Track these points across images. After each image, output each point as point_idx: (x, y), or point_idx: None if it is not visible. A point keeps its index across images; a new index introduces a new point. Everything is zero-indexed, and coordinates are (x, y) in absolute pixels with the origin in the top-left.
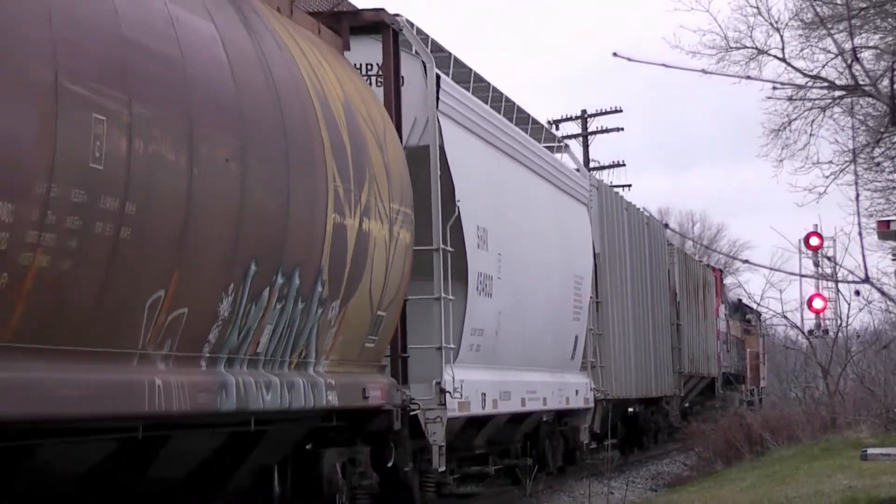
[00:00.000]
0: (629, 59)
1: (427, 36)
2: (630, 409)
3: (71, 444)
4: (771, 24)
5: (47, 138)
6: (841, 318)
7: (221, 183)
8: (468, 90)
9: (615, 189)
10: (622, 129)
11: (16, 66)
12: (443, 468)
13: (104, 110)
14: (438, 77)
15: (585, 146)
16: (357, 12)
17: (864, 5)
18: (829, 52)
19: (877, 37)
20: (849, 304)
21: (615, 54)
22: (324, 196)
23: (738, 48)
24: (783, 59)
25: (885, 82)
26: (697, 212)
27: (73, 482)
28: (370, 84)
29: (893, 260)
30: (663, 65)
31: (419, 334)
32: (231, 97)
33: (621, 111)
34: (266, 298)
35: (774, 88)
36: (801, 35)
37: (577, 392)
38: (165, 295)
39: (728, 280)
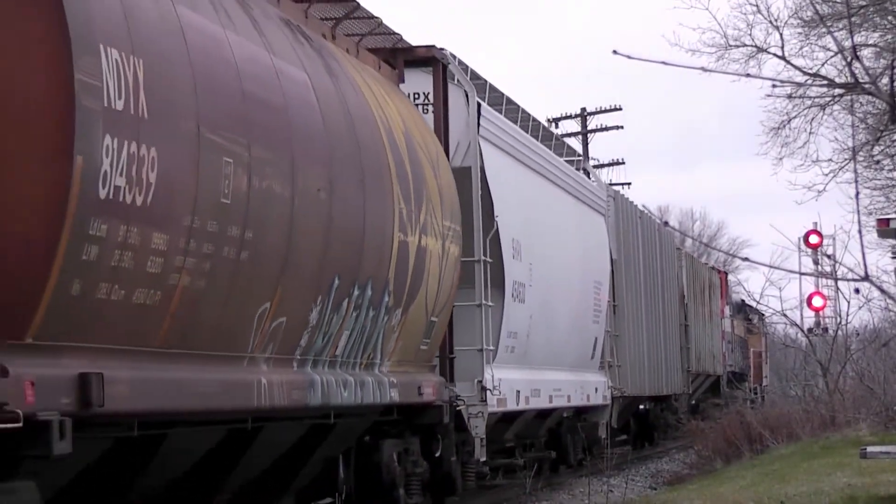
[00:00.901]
0: (629, 57)
1: (467, 66)
2: (641, 406)
3: (195, 433)
4: (770, 22)
5: (193, 179)
6: (840, 316)
7: (314, 210)
8: (501, 112)
9: (629, 198)
10: (622, 127)
11: (173, 122)
12: (484, 458)
13: (232, 154)
14: (479, 104)
15: (585, 144)
16: (411, 49)
17: (863, 3)
18: (828, 50)
19: (876, 35)
20: (848, 302)
21: (615, 52)
22: (391, 217)
23: (737, 46)
24: (783, 58)
25: (885, 80)
26: (698, 210)
27: (188, 465)
28: (420, 110)
29: (893, 258)
30: (663, 62)
31: (462, 337)
32: (321, 135)
33: (621, 109)
34: (345, 308)
35: (774, 86)
36: (800, 33)
37: (596, 390)
38: (270, 307)
39: (728, 278)
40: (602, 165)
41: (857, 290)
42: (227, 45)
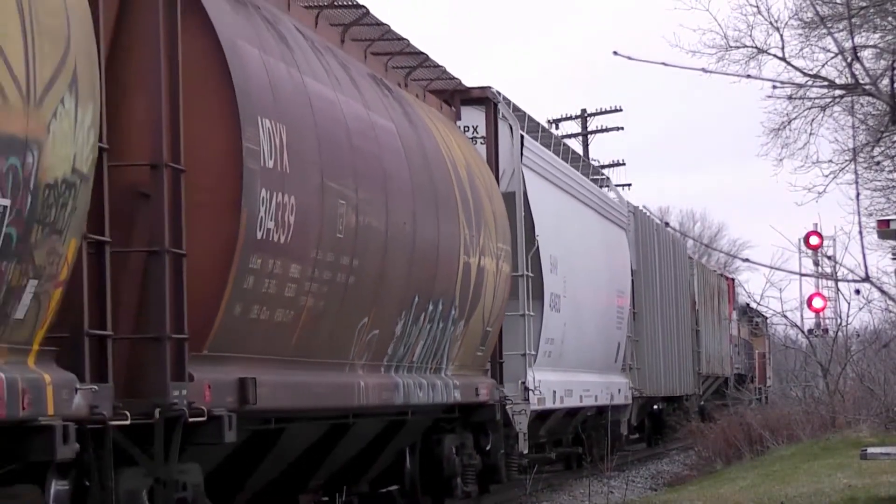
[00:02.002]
0: (629, 58)
1: (509, 100)
2: (655, 406)
3: (307, 426)
4: (771, 23)
5: (318, 219)
6: (841, 318)
7: (401, 239)
8: (536, 138)
9: (647, 214)
10: (622, 128)
11: (305, 175)
12: (526, 451)
13: (344, 197)
14: (522, 137)
15: (585, 145)
16: (467, 90)
17: (864, 4)
18: (828, 51)
19: (877, 36)
20: (849, 304)
21: (615, 53)
22: (458, 242)
23: (737, 47)
24: (783, 59)
25: (886, 81)
26: (698, 211)
27: (294, 456)
28: (472, 142)
29: (893, 259)
30: (663, 63)
31: (508, 343)
32: (405, 175)
33: (621, 110)
34: (421, 321)
35: (774, 87)
36: (800, 34)
37: (619, 390)
38: (367, 321)
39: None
40: (602, 167)
41: (857, 292)
42: (339, 105)
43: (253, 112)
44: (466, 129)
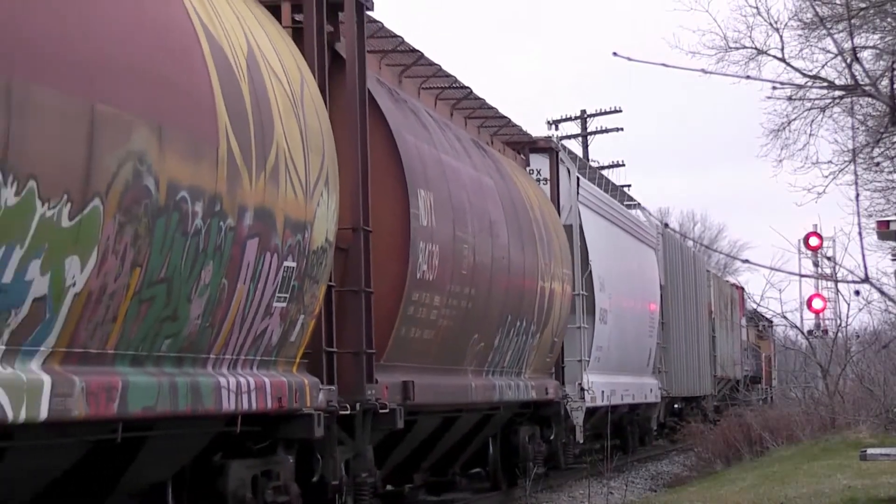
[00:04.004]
0: (629, 59)
1: (565, 146)
2: (676, 406)
3: (430, 418)
4: (770, 24)
5: (451, 261)
6: (840, 319)
7: (501, 272)
8: (584, 175)
9: (673, 233)
10: (622, 129)
11: (444, 228)
12: (581, 441)
13: (467, 242)
14: (578, 178)
15: (585, 146)
16: (535, 141)
17: (863, 5)
18: (828, 52)
19: (876, 36)
20: (848, 305)
21: (615, 54)
22: (536, 271)
23: (737, 48)
24: (783, 59)
25: (885, 82)
26: (698, 212)
27: (416, 443)
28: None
29: (893, 260)
30: (663, 64)
31: (567, 350)
32: (502, 219)
33: (621, 111)
34: (511, 335)
35: (774, 88)
36: (800, 35)
37: (650, 391)
38: (477, 336)
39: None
40: (602, 167)
41: (857, 293)
42: (461, 172)
43: (415, 186)
44: (532, 171)
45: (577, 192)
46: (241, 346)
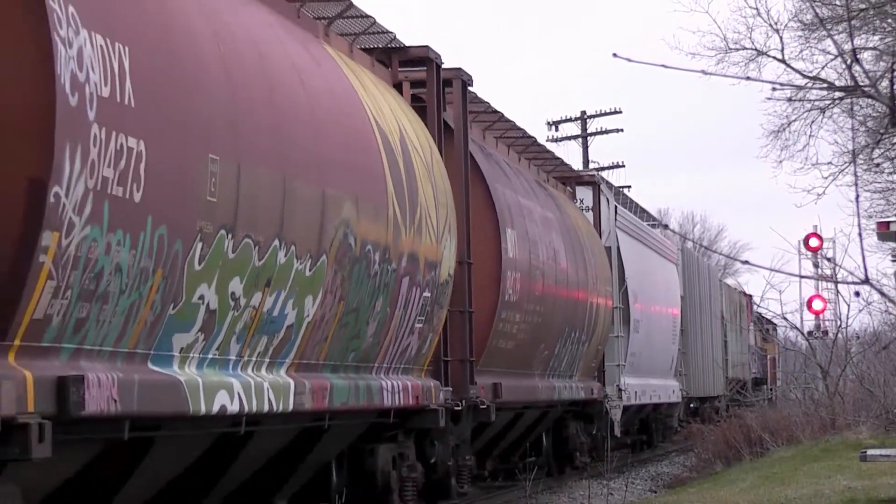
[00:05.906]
0: (629, 60)
1: (605, 179)
2: (691, 405)
3: (505, 415)
4: (770, 25)
5: (529, 285)
6: (840, 320)
7: (563, 291)
8: (618, 201)
9: (691, 249)
10: (622, 130)
11: (524, 260)
12: (619, 435)
13: (541, 269)
14: (616, 207)
15: (585, 147)
16: (581, 176)
17: (863, 6)
18: (828, 53)
19: (876, 38)
20: (848, 306)
21: (615, 55)
22: (587, 288)
23: (737, 49)
24: (782, 61)
25: (885, 83)
26: (698, 213)
27: (493, 434)
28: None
29: (893, 261)
30: (663, 66)
31: (607, 356)
32: (562, 247)
33: (621, 112)
34: (567, 343)
35: (774, 89)
36: (800, 36)
37: (673, 392)
38: (544, 346)
39: (730, 282)
40: (602, 168)
41: (857, 294)
42: (534, 211)
43: (504, 226)
44: (576, 200)
45: (616, 219)
46: (393, 357)
